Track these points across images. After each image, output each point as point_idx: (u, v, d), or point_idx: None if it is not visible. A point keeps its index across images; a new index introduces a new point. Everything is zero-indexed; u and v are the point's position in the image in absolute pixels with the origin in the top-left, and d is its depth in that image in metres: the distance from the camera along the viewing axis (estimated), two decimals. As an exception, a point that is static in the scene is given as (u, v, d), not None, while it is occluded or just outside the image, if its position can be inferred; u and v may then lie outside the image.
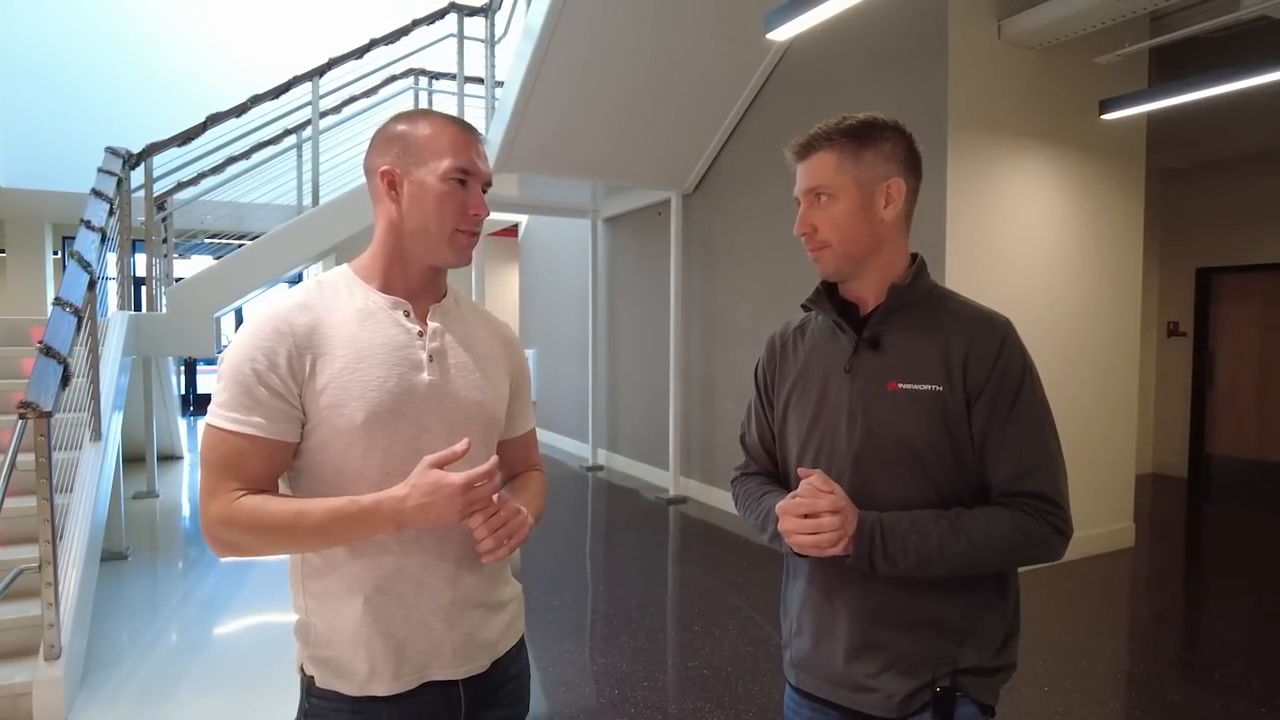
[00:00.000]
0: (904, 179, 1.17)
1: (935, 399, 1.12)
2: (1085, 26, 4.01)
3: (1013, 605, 1.19)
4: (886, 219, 1.17)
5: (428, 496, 0.98)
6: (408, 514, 0.99)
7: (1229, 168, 6.73)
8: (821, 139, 1.17)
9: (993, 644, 1.15)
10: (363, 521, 0.99)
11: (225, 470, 1.00)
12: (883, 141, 1.16)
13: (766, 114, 5.49)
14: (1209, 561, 4.99)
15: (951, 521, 1.09)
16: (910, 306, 1.18)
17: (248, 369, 1.00)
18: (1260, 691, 3.00)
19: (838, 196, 1.16)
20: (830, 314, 1.24)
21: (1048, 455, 1.12)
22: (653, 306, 6.88)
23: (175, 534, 5.40)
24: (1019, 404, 1.11)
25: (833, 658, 1.20)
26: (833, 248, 1.18)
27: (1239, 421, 6.87)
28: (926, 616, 1.14)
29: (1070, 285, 4.53)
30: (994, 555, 1.09)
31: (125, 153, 5.35)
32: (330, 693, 1.07)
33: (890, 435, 1.14)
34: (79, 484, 3.60)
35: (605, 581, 4.46)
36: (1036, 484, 1.11)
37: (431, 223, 1.08)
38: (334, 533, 1.00)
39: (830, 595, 1.20)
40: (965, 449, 1.13)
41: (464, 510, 1.00)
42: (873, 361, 1.18)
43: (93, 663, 3.14)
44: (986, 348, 1.12)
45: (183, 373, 11.96)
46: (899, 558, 1.08)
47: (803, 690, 1.28)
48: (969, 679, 1.13)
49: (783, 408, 1.30)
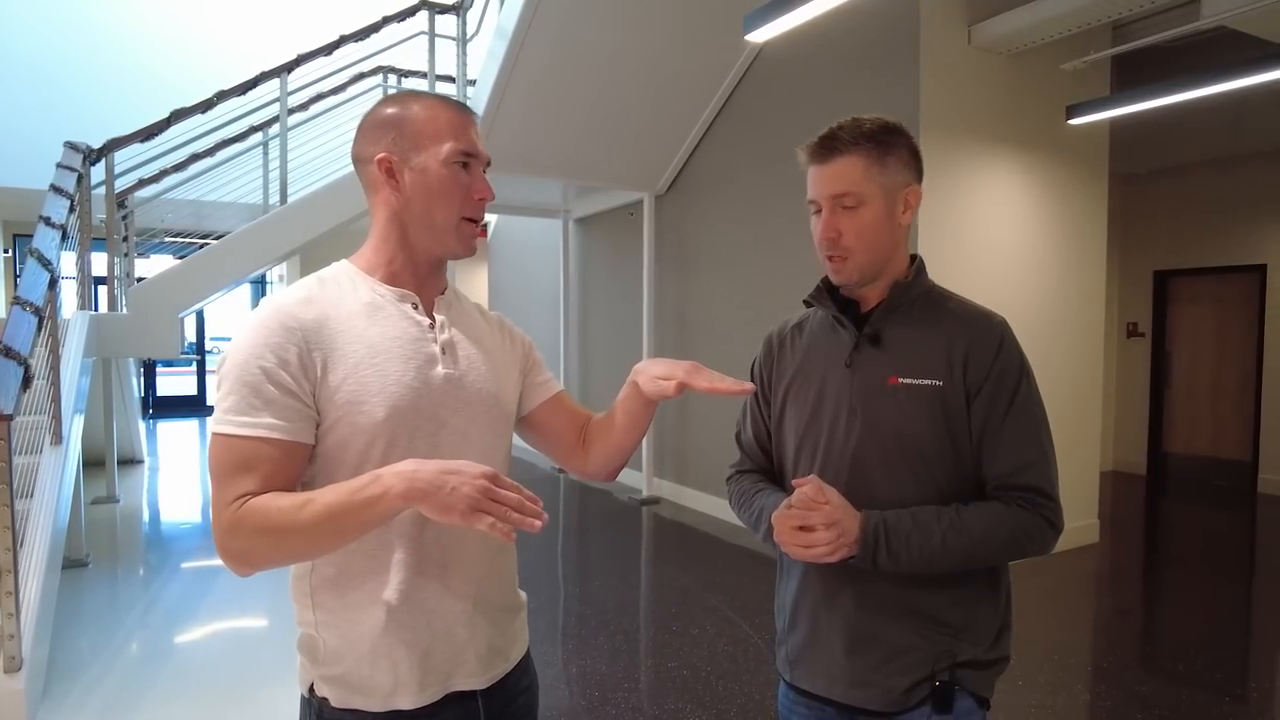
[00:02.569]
0: (918, 185, 1.19)
1: (935, 394, 1.13)
2: (1051, 34, 4.10)
3: (1004, 598, 1.22)
4: (903, 225, 1.19)
5: (448, 473, 0.88)
6: (419, 480, 0.87)
7: (1183, 173, 6.94)
8: (847, 142, 1.14)
9: (987, 637, 1.17)
10: (369, 492, 0.88)
11: (235, 479, 0.91)
12: (901, 148, 1.16)
13: (739, 116, 5.52)
14: (1169, 556, 5.13)
15: (952, 518, 1.10)
16: (911, 304, 1.20)
17: (255, 368, 0.93)
18: (1222, 681, 3.09)
19: (866, 203, 1.14)
20: (831, 310, 1.24)
21: (1041, 451, 1.14)
22: (625, 307, 6.87)
23: (136, 540, 5.27)
24: (1016, 401, 1.13)
25: (831, 653, 1.20)
26: (855, 257, 1.17)
27: (1194, 420, 7.08)
28: (924, 610, 1.15)
29: (1037, 287, 4.62)
30: (993, 550, 1.11)
31: (85, 148, 5.20)
32: (349, 712, 1.00)
33: (890, 430, 1.15)
34: (39, 489, 3.49)
35: (580, 583, 4.44)
36: (1031, 478, 1.13)
37: (438, 211, 1.03)
38: (342, 515, 0.89)
39: (827, 591, 1.21)
40: (963, 444, 1.14)
41: (480, 499, 0.87)
42: (873, 356, 1.18)
43: (55, 674, 3.05)
44: (986, 345, 1.14)
45: (142, 375, 11.67)
46: (902, 555, 1.09)
47: (798, 687, 1.27)
48: (967, 672, 1.15)
49: (780, 404, 1.30)
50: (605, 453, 1.19)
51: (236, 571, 0.92)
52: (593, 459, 1.21)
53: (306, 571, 1.03)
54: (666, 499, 6.31)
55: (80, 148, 5.17)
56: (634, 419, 1.15)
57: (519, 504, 0.89)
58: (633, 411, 1.14)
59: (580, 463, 1.23)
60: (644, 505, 6.17)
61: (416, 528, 1.01)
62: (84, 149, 5.18)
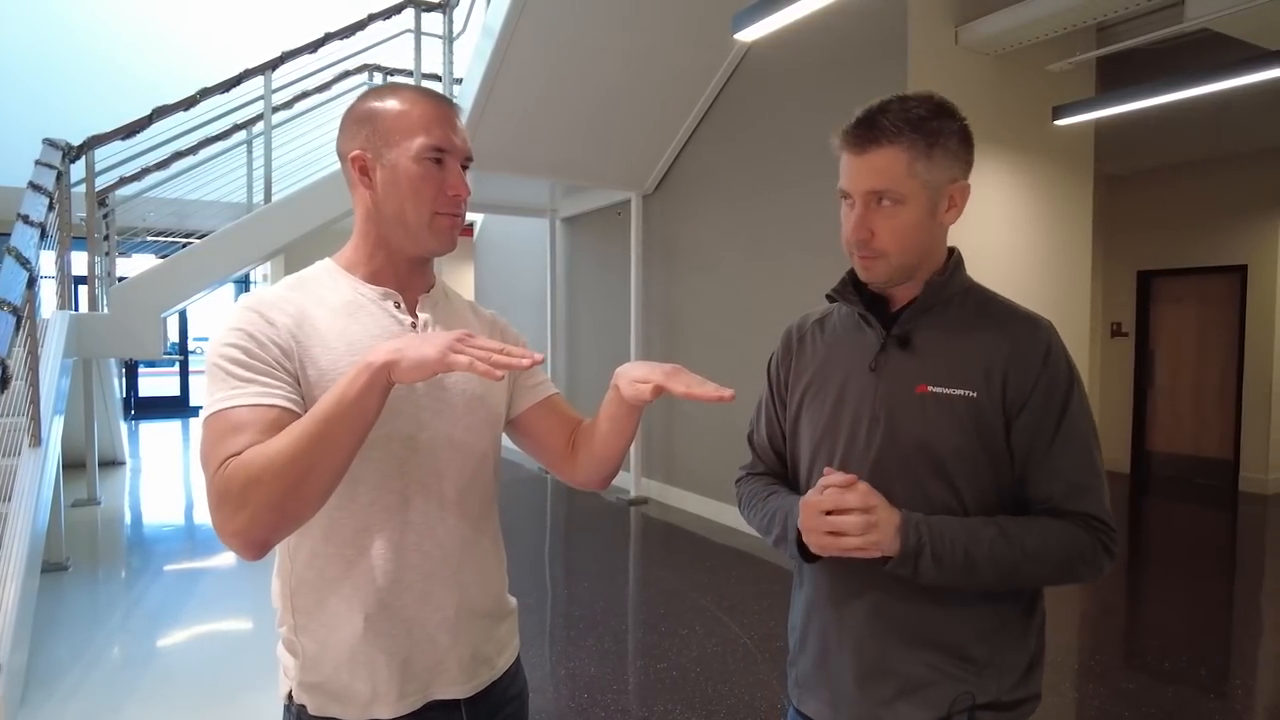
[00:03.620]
0: (966, 180, 1.06)
1: (968, 405, 1.02)
2: (1038, 34, 4.12)
3: (1037, 630, 1.10)
4: (945, 224, 1.07)
5: (421, 340, 0.86)
6: (390, 346, 0.86)
7: (1167, 175, 7.00)
8: (890, 131, 1.01)
9: (1014, 673, 1.05)
10: (347, 380, 0.86)
11: (220, 446, 0.85)
12: (950, 136, 1.03)
13: (727, 115, 5.51)
14: (1152, 554, 5.16)
15: (1002, 527, 0.99)
16: (946, 304, 1.08)
17: (234, 353, 0.90)
18: (1207, 679, 3.11)
19: (905, 202, 1.02)
20: (857, 306, 1.12)
21: (1095, 474, 1.03)
22: (612, 307, 6.85)
23: (118, 543, 5.19)
24: (1067, 419, 1.02)
25: (840, 680, 1.10)
26: (889, 258, 1.04)
27: (1177, 419, 7.15)
28: (944, 640, 1.04)
29: (1022, 286, 4.64)
30: (1044, 568, 1.00)
31: (65, 145, 5.13)
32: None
33: (913, 441, 1.04)
34: (17, 492, 3.43)
35: (569, 584, 4.42)
36: (1087, 505, 1.02)
37: (409, 209, 1.00)
38: (330, 417, 0.84)
39: (839, 609, 1.10)
40: (1001, 461, 1.03)
41: (454, 343, 0.84)
42: (901, 361, 1.07)
43: (33, 680, 3.00)
44: (1031, 354, 1.02)
45: (124, 375, 11.53)
46: (947, 560, 0.97)
47: (805, 715, 1.17)
48: (988, 715, 1.03)
49: (796, 406, 1.19)
50: (592, 460, 1.14)
51: (246, 555, 0.86)
52: (581, 466, 1.16)
53: (287, 573, 1.01)
54: (655, 499, 6.29)
55: (59, 145, 5.09)
56: (618, 424, 1.09)
57: (500, 349, 0.86)
58: (616, 416, 1.09)
59: (570, 470, 1.17)
60: (632, 505, 6.15)
61: (397, 531, 0.99)
62: (63, 146, 5.11)
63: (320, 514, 0.96)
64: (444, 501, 1.03)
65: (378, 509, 0.99)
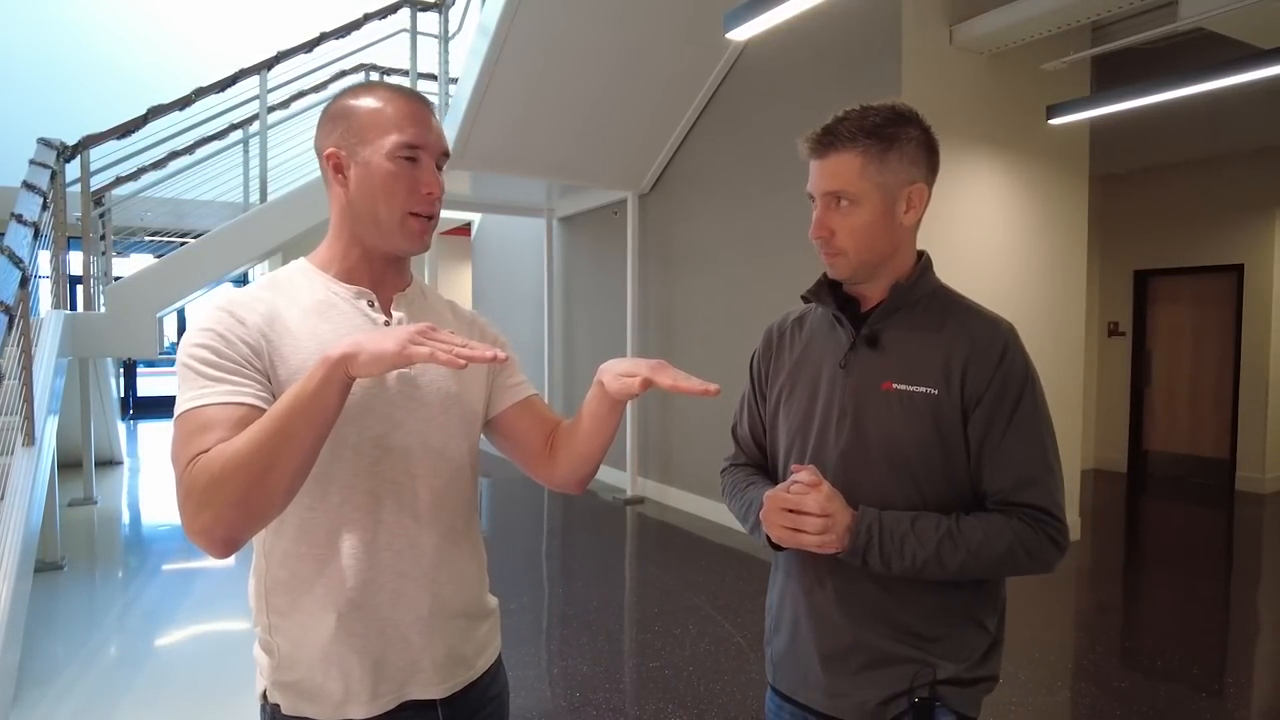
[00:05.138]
0: (925, 183, 1.13)
1: (929, 402, 1.08)
2: (1032, 34, 4.12)
3: (998, 615, 1.16)
4: (906, 225, 1.13)
5: (381, 333, 0.85)
6: (350, 340, 0.86)
7: (1162, 174, 7.00)
8: (845, 138, 1.09)
9: (972, 654, 1.12)
10: (305, 376, 0.85)
11: (188, 446, 0.85)
12: (907, 142, 1.10)
13: (722, 115, 5.51)
14: (1148, 553, 5.17)
15: (950, 527, 1.05)
16: (913, 306, 1.15)
17: (204, 353, 0.90)
18: (1200, 677, 3.12)
19: (860, 203, 1.09)
20: (830, 307, 1.19)
21: (1046, 468, 1.09)
22: (609, 307, 6.86)
23: (114, 542, 5.19)
24: (1019, 414, 1.08)
25: (808, 658, 1.16)
26: (848, 255, 1.12)
27: (1174, 418, 7.15)
28: (907, 622, 1.10)
29: (1019, 286, 4.65)
30: (989, 563, 1.06)
31: (59, 144, 5.13)
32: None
33: (878, 436, 1.10)
34: (10, 491, 3.43)
35: (563, 583, 4.42)
36: (1034, 497, 1.07)
37: (381, 207, 0.99)
38: (290, 413, 0.84)
39: (809, 591, 1.17)
40: (956, 456, 1.09)
41: (414, 335, 0.84)
42: (869, 359, 1.13)
43: (26, 680, 3.00)
44: (988, 352, 1.08)
45: (122, 375, 11.53)
46: (894, 558, 1.05)
47: (780, 691, 1.24)
48: (948, 689, 1.10)
49: (775, 401, 1.26)
50: (572, 459, 1.12)
51: (213, 553, 0.85)
52: (559, 467, 1.14)
53: (262, 573, 1.01)
54: (651, 498, 6.30)
55: (54, 144, 5.10)
56: (600, 422, 1.08)
57: (464, 342, 0.85)
58: (598, 414, 1.07)
59: (547, 472, 1.16)
60: (628, 505, 6.15)
61: (369, 532, 0.99)
62: (58, 145, 5.11)
63: (293, 514, 0.96)
64: (417, 502, 1.02)
65: (349, 509, 0.98)
